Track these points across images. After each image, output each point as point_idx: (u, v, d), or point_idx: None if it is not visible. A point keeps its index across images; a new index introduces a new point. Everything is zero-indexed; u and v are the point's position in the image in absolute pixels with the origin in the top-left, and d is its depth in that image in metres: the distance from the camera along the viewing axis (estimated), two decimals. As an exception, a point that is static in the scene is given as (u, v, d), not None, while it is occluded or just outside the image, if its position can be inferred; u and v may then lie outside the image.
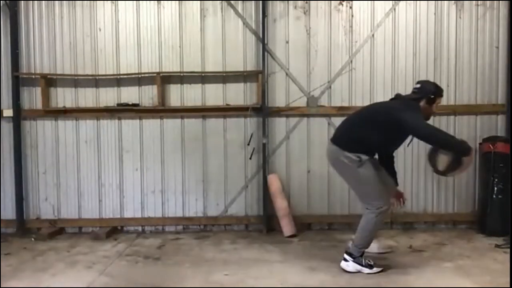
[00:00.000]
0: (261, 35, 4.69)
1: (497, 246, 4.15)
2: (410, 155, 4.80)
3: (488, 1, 4.75)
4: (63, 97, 4.81)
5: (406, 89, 4.76)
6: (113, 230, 4.78)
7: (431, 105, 3.48)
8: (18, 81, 4.75)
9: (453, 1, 4.76)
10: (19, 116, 4.76)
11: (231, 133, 4.82)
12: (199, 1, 4.75)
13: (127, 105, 4.73)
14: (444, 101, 4.74)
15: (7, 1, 4.67)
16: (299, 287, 3.28)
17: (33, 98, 4.80)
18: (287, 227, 4.60)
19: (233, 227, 4.89)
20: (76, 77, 4.78)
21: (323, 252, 4.06)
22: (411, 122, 3.25)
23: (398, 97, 3.64)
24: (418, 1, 4.74)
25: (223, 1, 4.76)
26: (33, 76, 4.77)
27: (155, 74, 4.69)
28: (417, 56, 4.77)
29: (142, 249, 4.22)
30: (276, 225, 4.73)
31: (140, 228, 4.89)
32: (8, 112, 4.76)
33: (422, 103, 3.45)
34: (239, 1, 4.76)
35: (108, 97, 4.82)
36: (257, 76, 4.68)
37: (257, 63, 4.75)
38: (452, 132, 4.79)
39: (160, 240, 4.52)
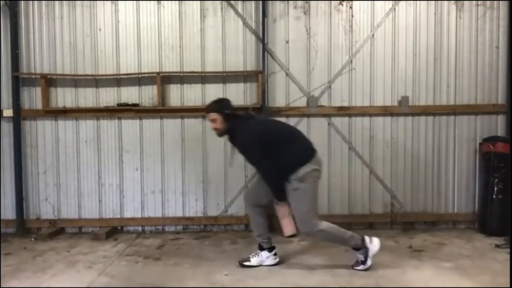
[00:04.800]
0: (261, 35, 4.69)
1: (497, 246, 4.15)
2: (410, 155, 4.80)
3: (488, 1, 4.76)
4: (63, 97, 4.81)
5: (406, 89, 4.78)
6: (113, 230, 4.78)
7: None
8: (18, 81, 4.75)
9: (453, 1, 4.76)
10: (19, 116, 4.76)
11: (231, 133, 4.82)
12: (199, 1, 4.75)
13: (127, 105, 4.73)
14: (444, 101, 4.80)
15: (7, 1, 4.67)
16: (299, 287, 3.28)
17: (33, 98, 4.80)
18: (287, 227, 4.56)
19: (233, 227, 4.89)
20: (76, 77, 4.78)
21: (323, 252, 4.06)
22: None
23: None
24: (418, 1, 4.74)
25: (223, 1, 4.76)
26: (33, 76, 4.77)
27: (155, 74, 4.68)
28: (417, 56, 4.77)
29: (142, 249, 4.22)
30: (276, 225, 4.71)
31: (140, 228, 4.89)
32: (8, 112, 4.76)
33: None
34: (239, 1, 4.76)
35: (108, 97, 4.81)
36: (257, 76, 4.68)
37: (257, 63, 4.75)
38: (452, 132, 4.80)
39: (160, 240, 4.52)
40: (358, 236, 3.51)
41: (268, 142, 3.38)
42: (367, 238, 3.51)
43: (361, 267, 3.51)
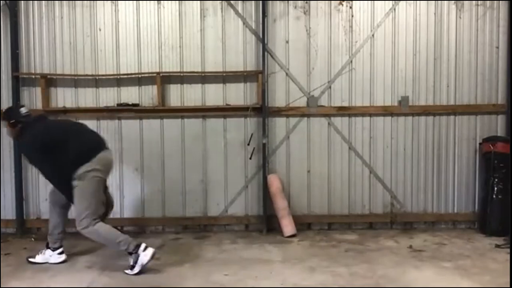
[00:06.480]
0: (261, 35, 4.68)
1: (497, 246, 4.15)
2: (410, 155, 4.80)
3: (488, 1, 4.75)
4: (63, 97, 4.81)
5: (406, 89, 4.78)
6: (113, 230, 4.78)
7: None
8: (18, 81, 4.75)
9: (453, 1, 4.76)
10: (19, 116, 4.76)
11: (231, 133, 4.82)
12: (199, 1, 4.75)
13: (127, 105, 4.72)
14: (444, 101, 4.79)
15: (7, 1, 4.67)
16: (299, 287, 3.28)
17: (33, 98, 4.80)
18: (287, 227, 4.60)
19: (233, 227, 4.88)
20: (76, 77, 4.78)
21: (323, 252, 4.06)
22: None
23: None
24: (418, 1, 4.74)
25: (223, 1, 4.75)
26: (33, 76, 4.76)
27: (155, 74, 4.68)
28: (417, 56, 4.77)
29: (142, 249, 4.21)
30: (276, 225, 4.73)
31: (140, 228, 4.89)
32: (8, 112, 4.76)
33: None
34: (239, 1, 4.76)
35: (108, 97, 4.81)
36: (257, 76, 4.68)
37: (257, 63, 4.75)
38: (452, 132, 4.80)
39: (160, 240, 4.51)
40: (133, 242, 3.54)
41: (46, 146, 3.46)
42: (142, 246, 3.53)
43: (128, 271, 3.54)
